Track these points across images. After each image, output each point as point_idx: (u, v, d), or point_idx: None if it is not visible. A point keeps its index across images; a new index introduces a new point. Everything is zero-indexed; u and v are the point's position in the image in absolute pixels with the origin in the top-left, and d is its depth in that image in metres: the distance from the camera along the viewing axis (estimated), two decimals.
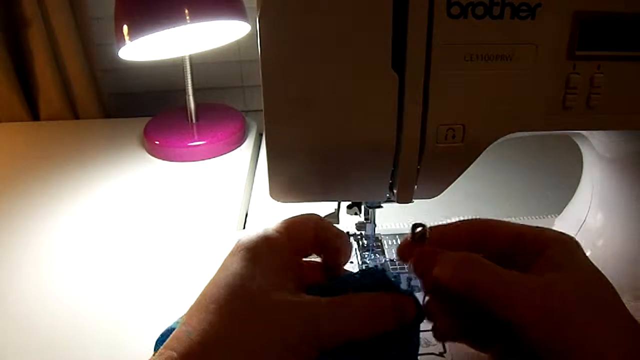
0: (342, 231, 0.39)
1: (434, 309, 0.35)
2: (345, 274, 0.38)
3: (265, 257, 0.34)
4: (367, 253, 0.56)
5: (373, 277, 0.36)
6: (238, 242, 0.36)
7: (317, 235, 0.38)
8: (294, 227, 0.37)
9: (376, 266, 0.55)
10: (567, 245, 0.35)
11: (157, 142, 0.84)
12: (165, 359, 0.30)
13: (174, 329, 0.33)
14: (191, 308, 0.33)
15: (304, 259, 0.39)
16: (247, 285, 0.32)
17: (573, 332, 0.30)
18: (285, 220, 0.38)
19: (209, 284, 0.34)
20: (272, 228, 0.37)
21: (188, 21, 0.68)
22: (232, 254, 0.35)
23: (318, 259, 0.40)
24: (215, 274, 0.34)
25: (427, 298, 0.36)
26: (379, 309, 0.34)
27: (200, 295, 0.33)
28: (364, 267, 0.55)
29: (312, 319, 0.32)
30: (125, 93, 1.04)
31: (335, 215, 0.50)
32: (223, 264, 0.35)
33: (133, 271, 0.60)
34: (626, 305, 0.33)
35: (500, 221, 0.38)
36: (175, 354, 0.30)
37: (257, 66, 0.36)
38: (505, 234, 0.37)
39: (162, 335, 0.38)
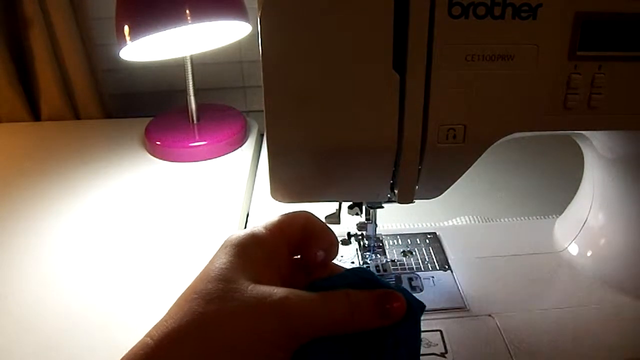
0: (329, 227, 0.39)
1: None
2: (333, 276, 0.38)
3: (250, 253, 0.35)
4: (368, 253, 0.56)
5: (359, 276, 0.36)
6: (226, 239, 0.36)
7: (305, 231, 0.38)
8: (284, 224, 0.38)
9: (368, 266, 0.55)
10: None
11: (158, 143, 0.84)
12: (141, 345, 0.31)
13: None
14: (177, 299, 0.34)
15: (295, 257, 0.39)
16: (229, 278, 0.33)
17: None
18: (276, 217, 0.38)
19: (195, 278, 0.34)
20: (262, 225, 0.37)
21: (189, 21, 0.68)
22: (219, 250, 0.36)
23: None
24: (203, 269, 0.35)
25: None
26: (358, 303, 0.34)
27: (186, 288, 0.34)
28: (361, 266, 0.55)
29: (288, 313, 0.32)
30: (126, 93, 1.04)
31: (336, 216, 0.50)
32: (210, 260, 0.35)
33: (134, 272, 0.60)
34: (627, 306, 0.32)
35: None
36: (150, 340, 0.31)
37: (258, 66, 0.36)
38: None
39: None
